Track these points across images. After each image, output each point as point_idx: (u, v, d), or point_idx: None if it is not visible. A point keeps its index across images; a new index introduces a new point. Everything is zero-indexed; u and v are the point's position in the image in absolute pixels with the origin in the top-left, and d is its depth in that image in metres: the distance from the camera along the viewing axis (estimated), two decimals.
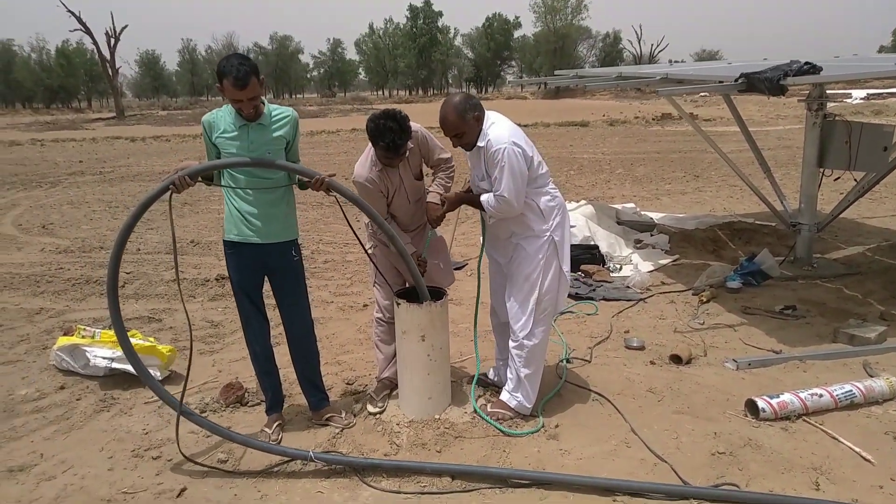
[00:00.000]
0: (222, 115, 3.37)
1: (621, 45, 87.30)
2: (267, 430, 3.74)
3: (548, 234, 3.62)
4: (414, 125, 3.59)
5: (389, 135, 3.40)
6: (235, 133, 3.33)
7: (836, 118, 6.46)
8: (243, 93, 3.18)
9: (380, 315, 4.05)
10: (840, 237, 7.99)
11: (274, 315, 3.83)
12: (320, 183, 3.34)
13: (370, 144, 3.61)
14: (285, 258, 3.61)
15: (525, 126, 29.36)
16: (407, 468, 3.34)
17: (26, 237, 9.20)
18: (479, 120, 3.54)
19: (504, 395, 3.88)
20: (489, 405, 3.92)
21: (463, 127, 3.49)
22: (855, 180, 6.60)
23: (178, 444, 3.48)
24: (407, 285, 4.01)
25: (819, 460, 3.33)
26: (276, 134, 3.40)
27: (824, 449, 3.44)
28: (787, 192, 7.74)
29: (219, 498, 3.22)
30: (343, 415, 3.89)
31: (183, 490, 3.28)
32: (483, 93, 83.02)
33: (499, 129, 3.51)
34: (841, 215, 8.44)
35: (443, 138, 3.79)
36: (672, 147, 19.49)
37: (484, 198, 3.61)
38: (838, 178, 6.47)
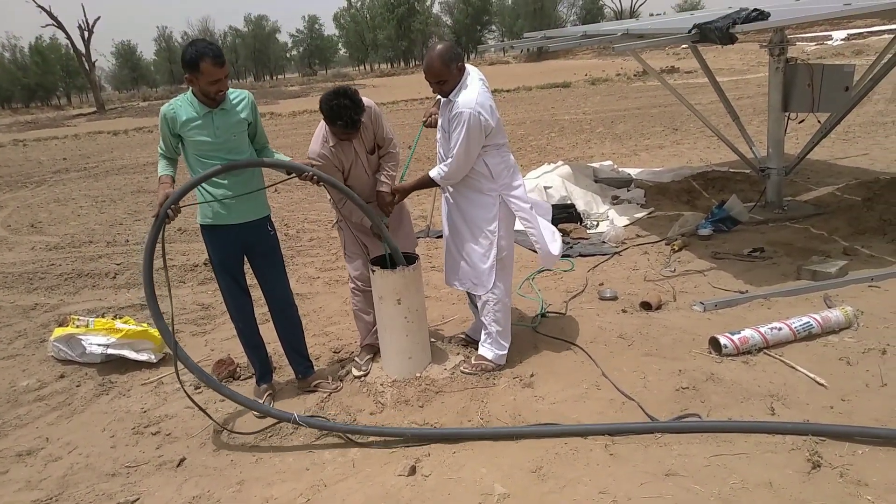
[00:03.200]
0: (182, 105, 3.44)
1: (601, 2, 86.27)
2: (258, 399, 3.94)
3: (496, 192, 3.83)
4: (367, 101, 3.73)
5: (346, 112, 3.55)
6: (200, 121, 3.44)
7: (798, 62, 6.60)
8: (223, 69, 3.33)
9: (353, 285, 4.23)
10: (812, 179, 8.16)
11: (255, 294, 4.00)
12: (311, 177, 3.52)
13: (322, 122, 3.76)
14: (262, 234, 3.77)
15: (507, 91, 29.21)
16: (388, 433, 3.47)
17: (16, 237, 9.32)
18: (461, 71, 3.72)
19: (482, 349, 4.09)
20: (472, 358, 4.13)
21: (446, 75, 3.66)
22: (819, 122, 6.75)
23: (177, 375, 3.53)
24: (373, 255, 4.16)
25: (776, 388, 3.56)
26: (238, 117, 3.53)
27: (781, 377, 3.66)
28: (763, 139, 7.88)
29: (216, 464, 3.43)
30: (330, 380, 4.09)
31: (182, 460, 3.49)
32: (465, 60, 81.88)
33: (471, 91, 3.67)
34: (813, 157, 8.66)
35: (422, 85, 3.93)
36: (652, 102, 19.54)
37: (433, 172, 3.84)
38: (802, 121, 6.62)
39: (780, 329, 3.99)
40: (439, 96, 4.03)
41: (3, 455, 3.71)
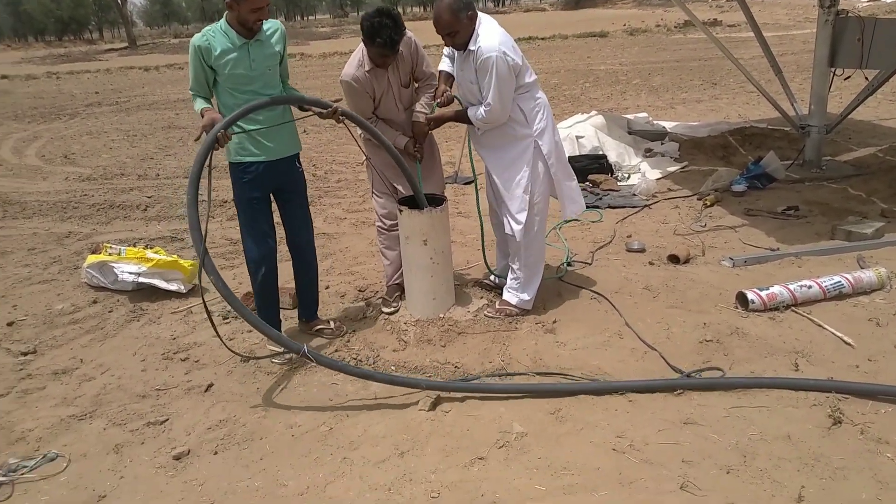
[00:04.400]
0: (215, 36, 3.33)
1: None
2: (279, 351, 3.78)
3: (531, 138, 3.77)
4: (407, 32, 3.67)
5: (386, 31, 3.50)
6: (237, 53, 3.34)
7: (849, 14, 6.32)
8: None
9: (380, 224, 4.24)
10: (854, 139, 7.91)
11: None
12: (334, 112, 3.47)
13: (361, 45, 3.72)
14: (293, 171, 3.75)
15: (542, 39, 28.55)
16: (400, 382, 3.34)
17: (50, 167, 9.47)
18: (473, 19, 3.59)
19: (506, 294, 4.10)
20: (496, 302, 4.15)
21: (456, 26, 3.55)
22: (866, 79, 6.49)
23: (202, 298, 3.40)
24: (400, 195, 4.14)
25: (801, 345, 3.53)
26: (273, 49, 3.47)
27: (808, 335, 3.63)
28: (805, 97, 7.62)
29: (242, 391, 3.53)
30: (332, 324, 4.06)
31: (210, 386, 3.59)
32: (500, 6, 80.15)
33: (489, 35, 3.57)
34: (857, 117, 8.38)
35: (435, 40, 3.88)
36: (692, 55, 18.98)
37: (471, 112, 3.76)
38: (848, 77, 6.37)
39: (809, 287, 3.93)
40: (444, 70, 3.96)
41: (41, 372, 3.86)
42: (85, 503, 2.75)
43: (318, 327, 4.07)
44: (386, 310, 4.20)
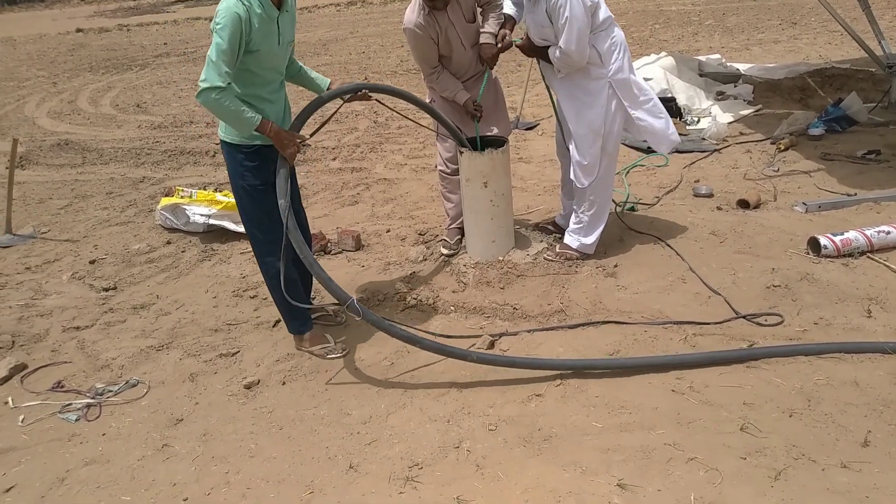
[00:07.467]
0: (251, 5, 2.80)
1: None
2: (329, 345, 3.43)
3: (607, 77, 3.66)
4: None
5: None
6: (270, 26, 2.90)
7: None
8: None
9: (443, 168, 4.24)
10: None
11: None
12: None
13: None
14: None
15: None
16: (449, 352, 3.05)
17: (124, 116, 9.81)
18: None
19: (567, 238, 4.07)
20: (557, 246, 4.13)
21: None
22: None
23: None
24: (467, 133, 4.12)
25: (876, 292, 3.39)
26: (294, 19, 3.13)
27: (884, 282, 3.48)
28: (894, 35, 7.10)
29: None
30: (328, 310, 3.69)
31: (278, 321, 3.73)
32: None
33: None
34: None
35: None
36: None
37: (551, 51, 3.67)
38: None
39: (888, 233, 3.74)
40: (506, 13, 3.84)
41: (121, 307, 4.09)
42: (164, 425, 2.95)
43: (315, 315, 3.65)
44: (446, 252, 4.24)
